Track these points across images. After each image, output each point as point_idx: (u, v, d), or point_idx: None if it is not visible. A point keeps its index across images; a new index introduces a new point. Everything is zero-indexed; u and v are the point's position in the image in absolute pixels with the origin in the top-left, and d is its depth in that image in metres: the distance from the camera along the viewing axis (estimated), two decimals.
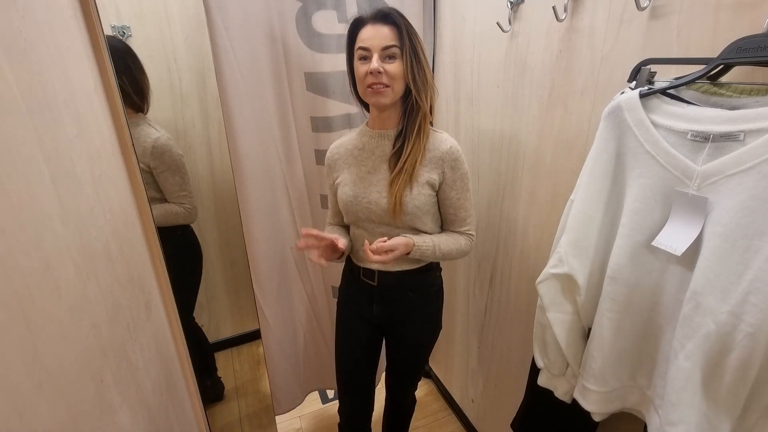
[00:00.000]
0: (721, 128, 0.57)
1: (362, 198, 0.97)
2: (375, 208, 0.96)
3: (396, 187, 0.92)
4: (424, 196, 0.94)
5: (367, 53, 0.88)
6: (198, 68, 1.77)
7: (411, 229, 0.98)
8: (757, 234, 0.52)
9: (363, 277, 1.06)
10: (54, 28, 0.60)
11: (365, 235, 1.02)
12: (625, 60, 0.79)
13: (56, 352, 0.47)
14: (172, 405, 0.91)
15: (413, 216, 0.95)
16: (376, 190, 0.96)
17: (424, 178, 0.94)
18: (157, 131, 1.39)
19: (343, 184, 1.01)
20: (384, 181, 0.95)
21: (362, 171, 0.99)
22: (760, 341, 0.51)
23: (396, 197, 0.91)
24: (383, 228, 0.99)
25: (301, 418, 1.78)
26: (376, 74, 0.87)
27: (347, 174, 1.01)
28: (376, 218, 0.97)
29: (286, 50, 1.24)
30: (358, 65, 0.90)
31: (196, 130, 1.85)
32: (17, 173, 0.44)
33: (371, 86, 0.88)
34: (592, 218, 0.74)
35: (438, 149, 0.95)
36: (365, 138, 1.01)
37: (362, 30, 0.89)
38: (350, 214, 1.01)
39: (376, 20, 0.88)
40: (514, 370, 1.31)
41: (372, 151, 0.99)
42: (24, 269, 0.43)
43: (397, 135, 0.96)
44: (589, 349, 0.78)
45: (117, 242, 0.72)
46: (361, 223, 1.01)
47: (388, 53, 0.88)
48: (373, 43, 0.87)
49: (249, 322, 2.21)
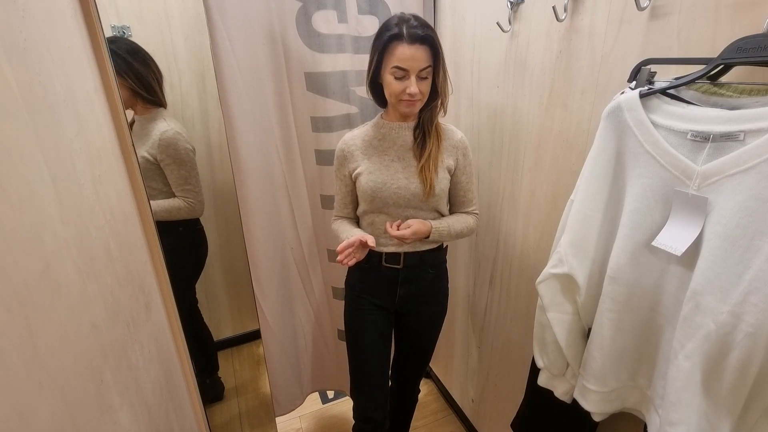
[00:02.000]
0: (721, 128, 0.57)
1: (391, 184, 1.04)
2: (404, 192, 1.03)
3: (428, 172, 1.02)
4: (446, 180, 1.06)
5: (404, 73, 0.94)
6: (198, 68, 1.77)
7: (434, 210, 1.08)
8: (757, 234, 0.52)
9: (386, 263, 1.10)
10: (54, 28, 0.59)
11: (386, 219, 1.07)
12: (625, 60, 0.79)
13: (56, 352, 0.47)
14: (172, 405, 0.91)
15: (438, 198, 1.05)
16: (403, 177, 1.04)
17: (445, 164, 1.06)
18: (168, 124, 1.41)
19: (367, 172, 1.05)
20: (411, 167, 1.04)
21: (386, 159, 1.06)
22: (760, 341, 0.51)
23: (429, 181, 1.01)
24: (409, 211, 1.06)
25: (301, 419, 1.78)
26: (415, 95, 0.95)
27: (368, 163, 1.06)
28: (404, 202, 1.05)
29: (286, 50, 1.24)
30: (392, 80, 0.96)
31: (196, 130, 1.85)
32: (17, 173, 0.44)
33: (405, 101, 0.97)
34: (592, 218, 0.74)
35: (452, 138, 1.08)
36: (384, 129, 1.07)
37: (399, 47, 0.92)
38: (377, 200, 1.05)
39: (414, 41, 0.91)
40: (514, 370, 1.31)
41: (393, 141, 1.06)
42: (24, 269, 0.43)
43: (416, 126, 1.06)
44: (589, 349, 0.78)
45: (117, 242, 0.72)
46: (387, 209, 1.07)
47: (423, 74, 0.95)
48: (412, 65, 0.92)
49: (249, 322, 2.21)
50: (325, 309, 1.60)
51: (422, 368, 1.30)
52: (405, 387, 1.32)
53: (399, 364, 1.29)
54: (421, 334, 1.22)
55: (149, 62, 1.41)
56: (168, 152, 1.40)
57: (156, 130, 1.39)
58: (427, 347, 1.25)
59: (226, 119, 1.20)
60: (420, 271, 1.12)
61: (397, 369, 1.29)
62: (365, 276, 1.15)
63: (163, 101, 1.48)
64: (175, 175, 1.44)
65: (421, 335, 1.22)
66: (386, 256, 1.10)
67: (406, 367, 1.28)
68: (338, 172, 1.12)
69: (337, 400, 1.87)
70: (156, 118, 1.43)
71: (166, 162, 1.41)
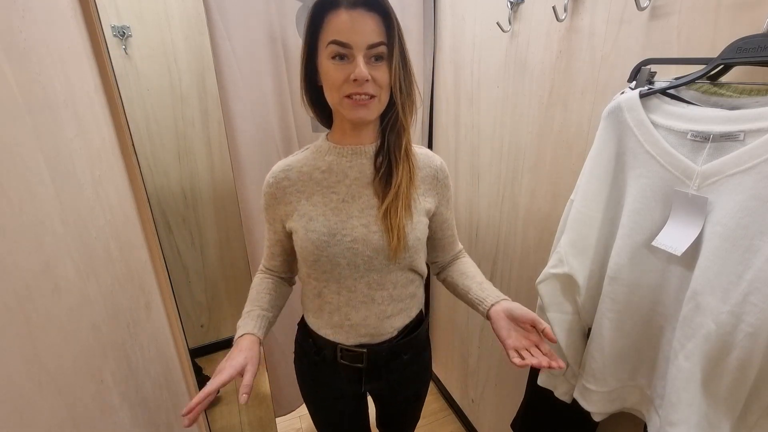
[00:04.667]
0: (721, 128, 0.57)
1: (343, 236, 0.72)
2: (362, 248, 0.72)
3: (396, 216, 0.71)
4: (423, 225, 0.77)
5: (345, 51, 0.63)
6: (198, 68, 1.77)
7: (408, 269, 0.78)
8: (757, 234, 0.52)
9: (342, 360, 0.80)
10: (54, 28, 0.60)
11: (340, 291, 0.76)
12: (625, 60, 0.79)
13: (56, 352, 0.47)
14: (172, 405, 0.91)
15: (413, 251, 0.75)
16: (360, 224, 0.73)
17: (422, 204, 0.77)
18: None
19: (307, 219, 0.74)
20: (371, 210, 0.73)
21: (333, 200, 0.74)
22: (760, 341, 0.51)
23: (397, 229, 0.71)
24: (371, 276, 0.75)
25: (301, 419, 1.78)
26: (362, 83, 0.64)
27: (308, 206, 0.75)
28: (363, 263, 0.73)
29: (286, 50, 1.24)
30: (329, 65, 0.65)
31: (196, 130, 1.85)
32: (17, 173, 0.44)
33: (351, 96, 0.66)
34: (592, 218, 0.74)
35: (429, 166, 0.79)
36: (331, 157, 0.75)
37: (335, 15, 0.63)
38: (323, 261, 0.73)
39: (357, 4, 0.62)
40: (514, 370, 1.31)
41: (344, 174, 0.75)
42: (24, 269, 0.43)
43: (377, 152, 0.75)
44: (589, 349, 0.78)
45: (117, 242, 0.72)
46: (338, 274, 0.74)
47: (375, 53, 0.65)
48: (355, 38, 0.62)
49: None
50: None
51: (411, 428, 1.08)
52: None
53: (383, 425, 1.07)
54: (402, 413, 1.00)
55: None
56: None
57: None
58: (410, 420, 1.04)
59: (226, 119, 1.20)
60: (392, 363, 0.83)
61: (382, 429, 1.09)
62: (316, 369, 0.85)
63: None
64: None
65: (401, 413, 1.00)
66: (341, 352, 0.80)
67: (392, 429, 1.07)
68: (266, 214, 0.81)
69: None
70: None
71: None
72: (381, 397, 0.98)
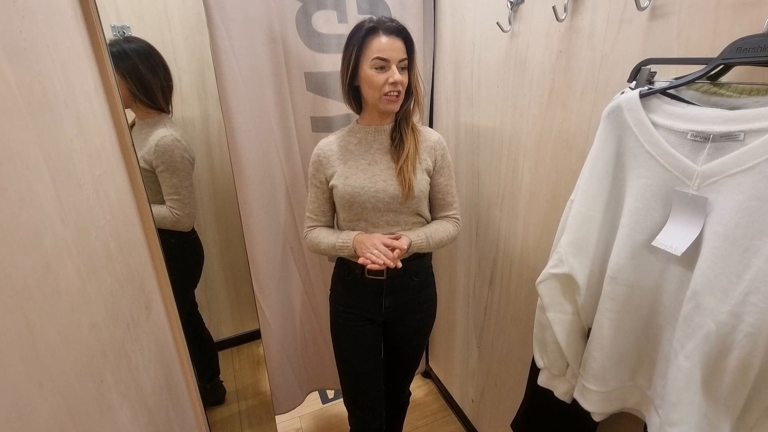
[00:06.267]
0: (721, 128, 0.57)
1: (369, 187, 1.03)
2: (383, 195, 1.03)
3: (406, 173, 1.01)
4: (425, 181, 1.06)
5: (385, 63, 0.95)
6: (198, 68, 1.77)
7: (415, 213, 1.07)
8: (757, 234, 0.52)
9: (369, 275, 1.08)
10: (54, 28, 0.59)
11: (368, 227, 1.06)
12: (625, 60, 0.79)
13: (56, 352, 0.47)
14: (172, 405, 0.91)
15: (418, 200, 1.05)
16: (381, 179, 1.03)
17: (423, 165, 1.06)
18: (167, 131, 1.36)
19: (344, 177, 1.04)
20: (389, 170, 1.04)
21: (362, 163, 1.05)
22: (760, 341, 0.51)
23: (407, 182, 1.01)
24: (389, 215, 1.05)
25: (301, 418, 1.78)
26: (397, 85, 0.97)
27: (345, 168, 1.05)
28: (383, 206, 1.04)
29: (286, 50, 1.24)
30: (374, 73, 0.96)
31: (196, 130, 1.85)
32: (17, 173, 0.44)
33: (388, 94, 0.98)
34: (592, 218, 0.74)
35: (429, 140, 1.08)
36: (360, 134, 1.08)
37: (378, 40, 0.95)
38: (355, 206, 1.04)
39: (391, 33, 0.95)
40: (514, 370, 1.31)
41: (370, 145, 1.06)
42: (24, 269, 0.43)
43: (393, 129, 1.07)
44: (589, 349, 0.78)
45: (117, 242, 0.72)
46: (366, 214, 1.05)
47: (401, 65, 0.98)
48: (392, 55, 0.95)
49: (249, 322, 2.21)
50: (324, 308, 1.59)
51: (411, 373, 1.31)
52: (395, 391, 1.33)
53: (389, 370, 1.29)
54: (409, 342, 1.22)
55: (157, 68, 1.38)
56: (163, 158, 1.34)
57: (154, 136, 1.35)
58: (415, 354, 1.25)
59: (226, 119, 1.20)
60: (405, 280, 1.12)
61: (387, 375, 1.29)
62: (348, 290, 1.15)
63: (166, 108, 1.44)
64: (167, 183, 1.37)
65: (408, 343, 1.22)
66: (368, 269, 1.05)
67: (395, 373, 1.29)
68: (314, 179, 1.10)
69: (337, 400, 1.87)
70: (157, 123, 1.38)
71: (160, 168, 1.35)
72: (393, 322, 1.18)
